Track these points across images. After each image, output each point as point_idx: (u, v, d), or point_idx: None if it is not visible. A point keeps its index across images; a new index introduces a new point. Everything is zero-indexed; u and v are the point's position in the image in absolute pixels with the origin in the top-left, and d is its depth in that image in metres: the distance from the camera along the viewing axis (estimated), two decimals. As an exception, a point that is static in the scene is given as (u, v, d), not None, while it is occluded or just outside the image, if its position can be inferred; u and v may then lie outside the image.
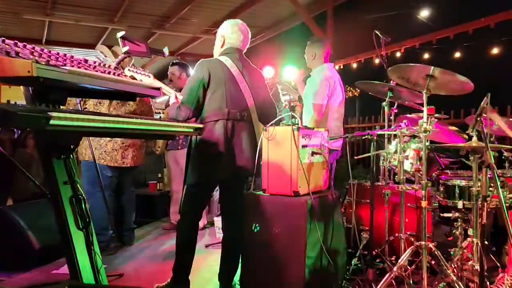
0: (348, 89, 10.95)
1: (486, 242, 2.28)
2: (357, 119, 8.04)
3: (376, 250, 2.67)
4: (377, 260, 2.73)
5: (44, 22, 7.08)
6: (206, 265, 3.12)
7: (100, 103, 3.34)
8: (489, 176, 2.02)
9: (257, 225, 2.26)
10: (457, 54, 5.47)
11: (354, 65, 6.47)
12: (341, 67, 6.57)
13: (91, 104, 3.31)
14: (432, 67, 2.15)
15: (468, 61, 5.65)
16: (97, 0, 6.20)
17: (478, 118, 1.95)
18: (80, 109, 2.83)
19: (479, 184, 2.14)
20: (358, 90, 9.48)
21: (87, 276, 1.65)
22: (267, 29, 7.66)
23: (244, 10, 6.59)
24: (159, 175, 5.01)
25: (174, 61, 4.43)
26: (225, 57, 2.47)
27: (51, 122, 1.28)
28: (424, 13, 5.89)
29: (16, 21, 6.97)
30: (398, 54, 5.80)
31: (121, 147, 3.45)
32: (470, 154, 2.18)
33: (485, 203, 1.96)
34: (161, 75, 11.29)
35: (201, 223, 4.36)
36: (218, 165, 2.35)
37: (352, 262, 2.70)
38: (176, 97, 2.56)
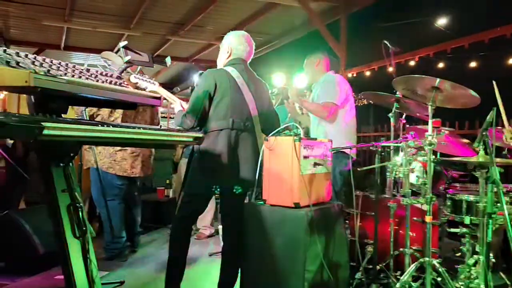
0: (362, 97, 10.86)
1: (493, 260, 2.21)
2: (371, 128, 7.94)
3: (380, 265, 2.61)
4: (381, 275, 2.67)
5: (62, 28, 7.24)
6: (208, 274, 3.11)
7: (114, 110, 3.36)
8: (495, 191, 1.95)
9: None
10: (473, 64, 5.34)
11: (368, 73, 6.40)
12: (354, 75, 6.50)
13: (106, 111, 3.33)
14: (438, 79, 2.10)
15: (484, 71, 5.53)
16: (114, 7, 6.32)
17: (484, 133, 1.89)
18: (84, 117, 2.86)
19: (485, 200, 2.08)
20: (373, 98, 9.33)
21: (81, 286, 1.65)
22: (280, 36, 7.66)
23: (257, 17, 6.61)
24: (167, 181, 5.04)
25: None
26: (231, 67, 2.49)
27: (44, 132, 1.30)
28: (439, 22, 5.80)
29: (35, 27, 7.15)
30: (412, 63, 5.70)
31: (131, 156, 3.44)
32: (476, 169, 2.12)
33: (491, 220, 1.89)
34: (174, 81, 11.44)
35: (207, 232, 4.37)
36: (220, 175, 2.36)
37: (356, 277, 2.65)
38: (181, 105, 2.58)
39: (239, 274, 2.46)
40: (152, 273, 3.19)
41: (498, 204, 2.09)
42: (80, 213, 1.73)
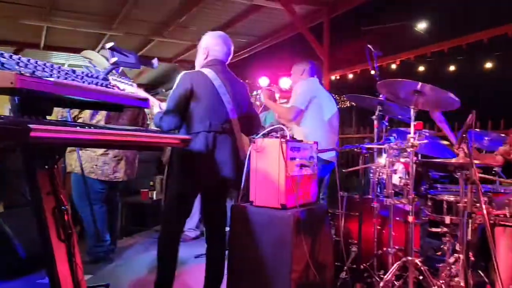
0: (344, 99, 11.01)
1: (472, 258, 2.27)
2: (353, 129, 8.05)
3: (364, 264, 2.65)
4: (365, 275, 2.71)
5: (42, 27, 7.10)
6: (194, 277, 3.10)
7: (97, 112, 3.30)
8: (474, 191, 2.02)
9: None
10: (451, 68, 5.51)
11: (350, 76, 6.50)
12: (337, 77, 6.59)
13: (87, 114, 3.27)
14: (420, 83, 2.16)
15: (462, 74, 5.71)
16: (95, 6, 6.24)
17: (464, 135, 1.96)
18: (70, 119, 2.81)
19: (465, 200, 2.14)
20: (355, 100, 9.49)
21: (67, 288, 1.64)
22: (264, 38, 7.70)
23: (241, 19, 6.64)
24: (151, 183, 4.99)
25: None
26: (208, 69, 2.45)
27: (31, 134, 1.28)
28: (419, 26, 5.93)
29: (14, 26, 6.99)
30: (393, 66, 5.83)
31: (113, 160, 3.37)
32: (456, 170, 2.18)
33: (470, 220, 1.96)
34: (157, 82, 11.35)
35: (193, 234, 4.35)
36: (200, 176, 2.34)
37: (340, 276, 2.69)
38: (160, 107, 2.56)
39: (224, 275, 2.47)
40: (137, 276, 3.17)
41: (477, 204, 2.17)
42: (66, 216, 1.72)
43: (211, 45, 2.53)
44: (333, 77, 6.54)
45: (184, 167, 2.37)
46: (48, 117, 1.71)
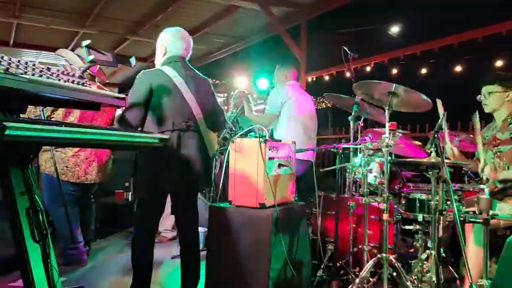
0: (320, 101, 11.17)
1: (444, 254, 2.36)
2: (329, 131, 8.19)
3: (340, 262, 2.71)
4: (341, 272, 2.77)
5: (11, 24, 6.88)
6: (171, 278, 3.08)
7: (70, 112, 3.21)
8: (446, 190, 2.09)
9: None
10: (423, 70, 5.69)
11: (326, 78, 6.59)
12: (314, 79, 6.67)
13: (60, 114, 3.18)
14: (394, 85, 2.23)
15: (433, 77, 5.91)
16: (68, 3, 6.09)
17: (436, 135, 2.03)
18: (43, 118, 2.73)
19: (437, 198, 2.22)
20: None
21: (42, 290, 1.60)
22: (241, 39, 7.71)
23: (218, 20, 6.63)
24: (126, 184, 4.90)
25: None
26: (168, 66, 2.39)
27: (7, 132, 1.25)
28: (394, 30, 6.08)
29: (-19, 22, 6.75)
30: (368, 69, 5.96)
31: (84, 162, 3.26)
32: (428, 169, 2.25)
33: (441, 217, 2.03)
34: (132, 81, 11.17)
35: (169, 235, 4.31)
36: (166, 176, 2.29)
37: (317, 274, 2.73)
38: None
39: (201, 275, 2.45)
40: (111, 278, 3.11)
41: (448, 202, 2.25)
42: (40, 216, 1.68)
43: (169, 41, 2.46)
44: (309, 79, 6.62)
45: (151, 166, 2.32)
46: (21, 115, 1.67)
